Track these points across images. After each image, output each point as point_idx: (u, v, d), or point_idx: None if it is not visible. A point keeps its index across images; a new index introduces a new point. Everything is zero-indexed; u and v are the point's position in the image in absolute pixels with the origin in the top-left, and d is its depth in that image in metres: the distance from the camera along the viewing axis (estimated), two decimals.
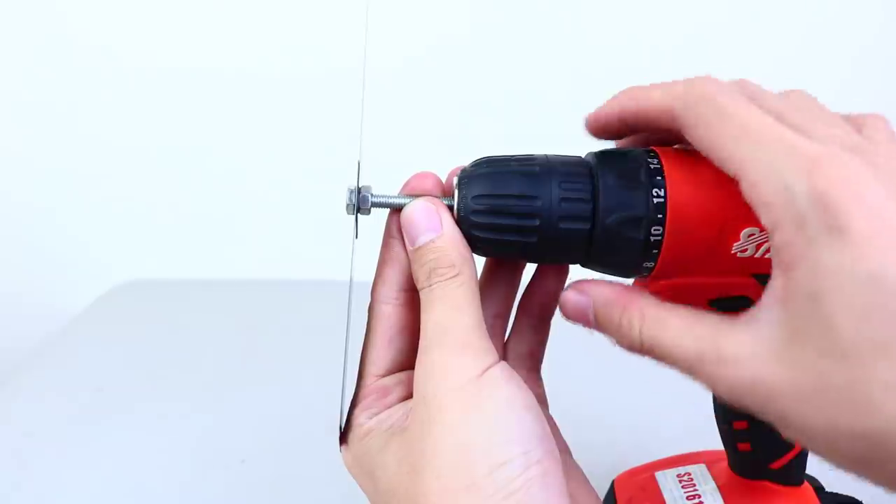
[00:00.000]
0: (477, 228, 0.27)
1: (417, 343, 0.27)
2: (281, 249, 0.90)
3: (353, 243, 0.29)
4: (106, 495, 0.53)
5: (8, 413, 0.64)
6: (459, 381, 0.24)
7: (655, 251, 0.26)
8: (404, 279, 0.29)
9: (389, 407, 0.28)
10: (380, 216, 0.29)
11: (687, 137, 0.23)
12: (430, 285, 0.26)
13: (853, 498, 0.42)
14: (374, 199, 0.28)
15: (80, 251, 0.92)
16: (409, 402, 0.27)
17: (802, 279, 0.20)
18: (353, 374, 0.29)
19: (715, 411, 0.40)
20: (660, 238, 0.25)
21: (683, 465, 0.43)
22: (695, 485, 0.41)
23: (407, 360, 0.29)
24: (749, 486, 0.40)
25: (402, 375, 0.29)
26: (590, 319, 0.26)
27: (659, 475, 0.43)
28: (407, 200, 0.28)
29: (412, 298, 0.28)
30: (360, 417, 0.28)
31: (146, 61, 0.83)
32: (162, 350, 0.74)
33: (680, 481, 0.42)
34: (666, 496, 0.41)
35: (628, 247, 0.26)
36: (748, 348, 0.21)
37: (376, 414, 0.28)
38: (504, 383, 0.24)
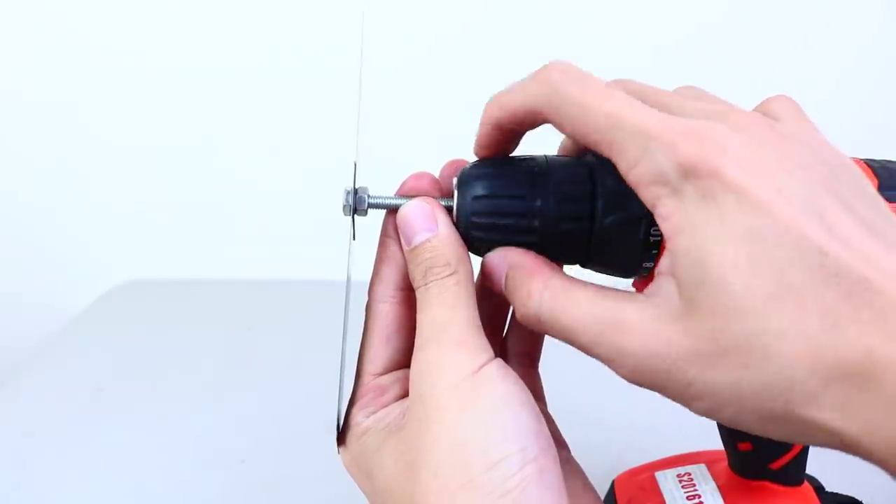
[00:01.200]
0: (477, 229, 0.27)
1: (409, 342, 0.27)
2: (281, 249, 0.90)
3: (350, 244, 0.29)
4: (106, 495, 0.53)
5: (8, 413, 0.64)
6: (455, 378, 0.24)
7: (655, 251, 0.26)
8: (401, 278, 0.29)
9: (386, 405, 0.28)
10: (379, 216, 0.29)
11: (559, 130, 0.24)
12: (426, 284, 0.26)
13: (853, 498, 0.42)
14: (371, 201, 0.28)
15: (80, 251, 0.92)
16: (406, 401, 0.27)
17: (687, 246, 0.20)
18: (351, 373, 0.29)
19: None
20: (659, 238, 0.25)
21: (683, 465, 0.43)
22: (695, 485, 0.41)
23: (404, 359, 0.29)
24: (749, 486, 0.40)
25: (399, 374, 0.29)
26: (501, 283, 0.26)
27: (659, 475, 0.43)
28: (403, 201, 0.28)
29: (409, 297, 0.29)
30: (358, 416, 0.28)
31: (146, 61, 0.83)
32: (162, 350, 0.74)
33: (680, 481, 0.42)
34: (666, 496, 0.41)
35: (627, 247, 0.26)
36: (650, 319, 0.21)
37: (374, 413, 0.28)
38: (499, 380, 0.24)
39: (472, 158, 0.28)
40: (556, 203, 0.26)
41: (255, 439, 0.59)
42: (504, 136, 0.27)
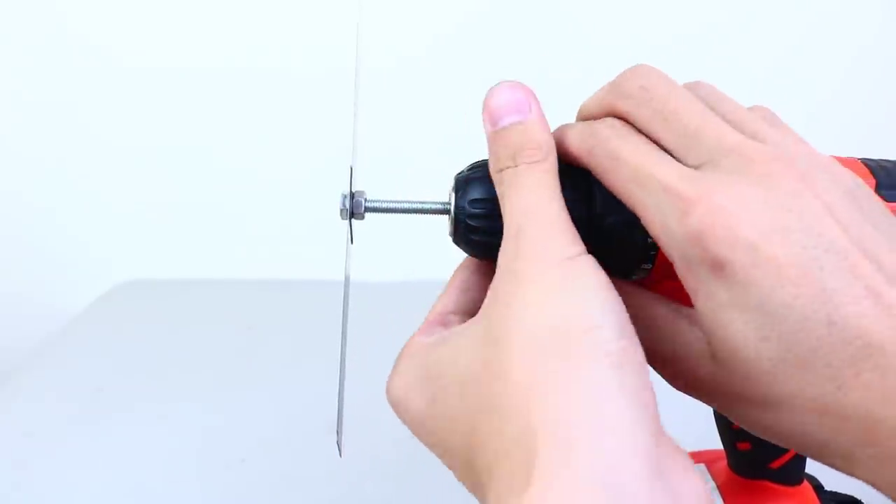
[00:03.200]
0: (474, 232, 0.27)
1: (482, 299, 0.26)
2: (281, 249, 0.90)
3: (348, 248, 0.29)
4: (106, 495, 0.53)
5: (8, 413, 0.64)
6: (555, 258, 0.22)
7: (653, 253, 0.26)
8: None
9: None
10: (378, 218, 0.29)
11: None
12: (516, 165, 0.24)
13: (853, 497, 0.42)
14: (368, 204, 0.28)
15: (80, 251, 0.92)
16: (472, 320, 0.25)
17: (702, 307, 0.21)
18: (353, 373, 0.29)
19: (714, 411, 0.40)
20: None
21: None
22: None
23: (474, 309, 0.28)
24: (748, 486, 0.40)
25: (465, 315, 0.28)
26: None
27: None
28: (402, 205, 0.28)
29: (485, 268, 0.28)
30: (418, 338, 0.26)
31: (146, 61, 0.83)
32: (162, 350, 0.74)
33: None
34: None
35: (626, 249, 0.26)
36: (687, 354, 0.23)
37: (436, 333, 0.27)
38: (597, 270, 0.22)
39: (471, 158, 0.28)
40: None
41: (255, 439, 0.59)
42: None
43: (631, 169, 0.23)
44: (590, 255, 0.23)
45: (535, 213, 0.23)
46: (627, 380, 0.19)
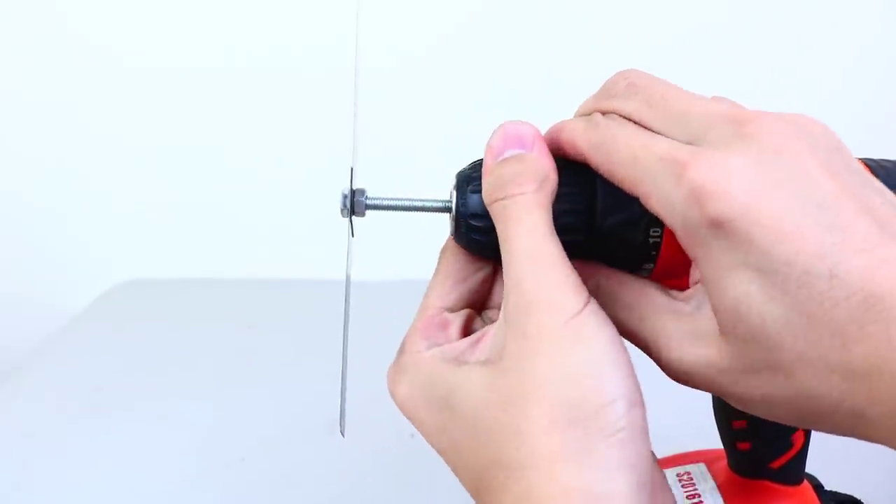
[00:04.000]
0: (475, 244, 0.27)
1: (481, 287, 0.26)
2: (280, 248, 0.90)
3: (350, 243, 0.29)
4: (106, 494, 0.53)
5: (8, 413, 0.64)
6: (563, 317, 0.23)
7: (654, 252, 0.26)
8: None
9: (450, 340, 0.27)
10: (379, 214, 0.29)
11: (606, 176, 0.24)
12: (510, 196, 0.24)
13: (852, 497, 0.42)
14: (369, 202, 0.28)
15: (80, 251, 0.92)
16: (474, 337, 0.26)
17: (706, 273, 0.21)
18: (353, 373, 0.29)
19: (714, 410, 0.40)
20: (658, 239, 0.25)
21: (683, 464, 0.43)
22: (694, 484, 0.41)
23: (472, 300, 0.29)
24: (748, 486, 0.40)
25: (463, 312, 0.28)
26: None
27: None
28: (403, 202, 0.28)
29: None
30: (419, 344, 0.26)
31: (146, 61, 0.83)
32: (162, 349, 0.74)
33: (679, 481, 0.42)
34: None
35: (627, 248, 0.26)
36: (689, 339, 0.23)
37: (437, 345, 0.27)
38: (604, 322, 0.23)
39: (471, 158, 0.28)
40: (556, 205, 0.25)
41: (255, 437, 0.59)
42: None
43: (627, 150, 0.23)
44: (593, 302, 0.23)
45: (533, 260, 0.23)
46: (632, 451, 0.21)
